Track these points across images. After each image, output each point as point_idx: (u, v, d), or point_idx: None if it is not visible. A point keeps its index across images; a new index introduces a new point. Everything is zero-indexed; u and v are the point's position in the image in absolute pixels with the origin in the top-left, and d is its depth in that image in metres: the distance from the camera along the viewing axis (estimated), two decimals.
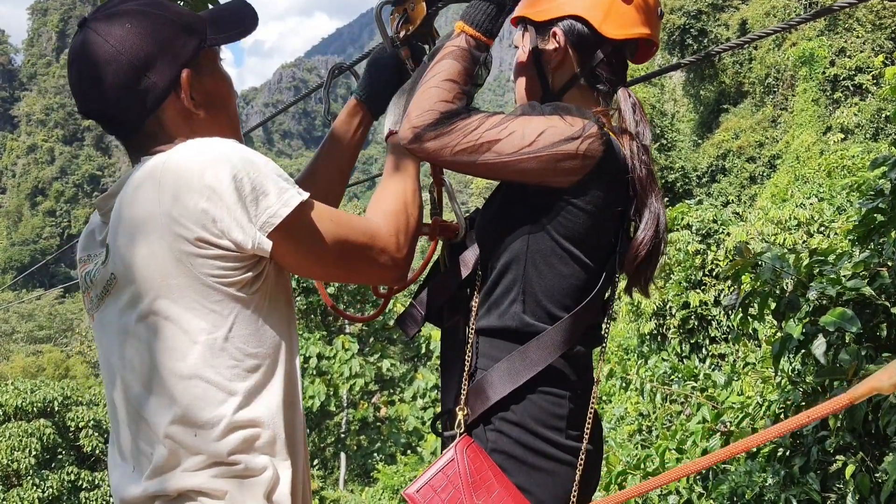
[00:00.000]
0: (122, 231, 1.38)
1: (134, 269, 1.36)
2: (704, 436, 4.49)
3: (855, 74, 25.41)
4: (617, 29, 1.72)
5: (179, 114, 1.49)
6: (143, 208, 1.35)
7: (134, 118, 1.47)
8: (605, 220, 1.67)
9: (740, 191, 27.65)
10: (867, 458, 3.21)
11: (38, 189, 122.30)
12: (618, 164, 1.66)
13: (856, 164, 15.45)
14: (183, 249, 1.33)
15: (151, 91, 1.45)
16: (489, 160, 1.57)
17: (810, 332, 3.26)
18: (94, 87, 1.45)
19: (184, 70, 1.47)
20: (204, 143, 1.39)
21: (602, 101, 1.78)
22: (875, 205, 3.29)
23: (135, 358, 1.39)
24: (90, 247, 1.56)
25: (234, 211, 1.33)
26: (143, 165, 1.42)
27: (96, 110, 1.48)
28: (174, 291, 1.34)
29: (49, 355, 45.24)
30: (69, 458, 18.75)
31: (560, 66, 1.78)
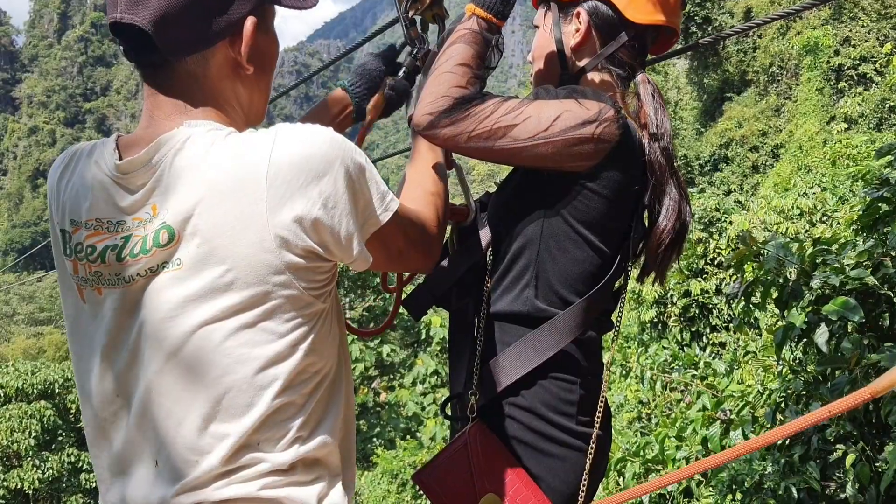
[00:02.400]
0: (208, 219, 1.22)
1: (224, 265, 1.21)
2: (704, 424, 4.50)
3: (859, 64, 25.30)
4: (641, 14, 1.71)
5: (228, 62, 1.34)
6: (243, 204, 1.20)
7: (178, 49, 1.29)
8: (620, 205, 1.66)
9: (743, 180, 27.59)
10: (867, 448, 3.21)
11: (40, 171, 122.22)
12: (634, 149, 1.64)
13: (860, 154, 15.41)
14: (288, 257, 1.23)
15: (207, 26, 1.29)
16: (505, 146, 1.56)
17: (813, 321, 3.26)
18: (146, 1, 1.25)
19: (250, 17, 1.33)
20: (311, 135, 1.25)
21: (620, 85, 1.76)
22: (880, 194, 3.28)
23: (196, 355, 1.25)
24: (100, 211, 1.31)
25: (346, 221, 1.26)
26: (202, 135, 1.26)
27: (139, 25, 1.25)
28: (270, 299, 1.24)
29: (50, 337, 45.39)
30: (69, 440, 18.82)
31: (581, 47, 1.77)
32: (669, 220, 1.71)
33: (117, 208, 1.29)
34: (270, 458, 1.27)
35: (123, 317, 1.30)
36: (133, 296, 1.28)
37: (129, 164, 1.28)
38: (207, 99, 1.34)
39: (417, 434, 16.63)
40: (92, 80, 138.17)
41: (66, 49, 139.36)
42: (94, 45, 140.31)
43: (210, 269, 1.22)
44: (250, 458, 1.27)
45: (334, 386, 1.39)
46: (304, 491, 1.30)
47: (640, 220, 1.72)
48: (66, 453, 18.22)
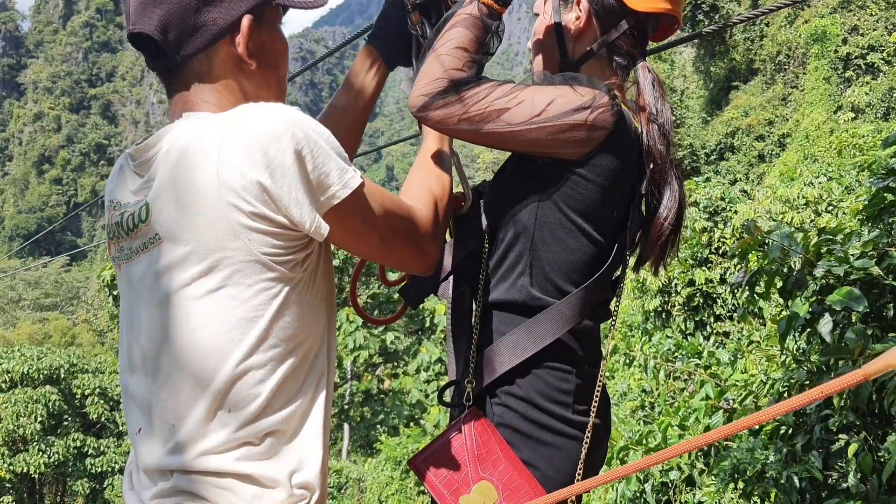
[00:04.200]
0: (172, 194, 1.32)
1: (186, 235, 1.31)
2: (707, 413, 4.51)
3: (867, 53, 25.16)
4: (643, 1, 1.70)
5: (231, 59, 1.44)
6: (200, 175, 1.29)
7: (183, 51, 1.40)
8: (615, 194, 1.65)
9: (748, 169, 27.51)
10: (870, 438, 3.21)
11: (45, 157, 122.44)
12: (630, 138, 1.63)
13: (867, 144, 15.35)
14: (240, 222, 1.28)
15: (208, 27, 1.39)
16: (497, 129, 1.55)
17: (817, 311, 3.25)
18: (150, 9, 1.37)
19: (246, 15, 1.41)
20: (266, 111, 1.32)
21: (620, 73, 1.75)
22: (885, 184, 3.27)
23: (171, 323, 1.34)
24: (119, 193, 1.49)
25: (295, 189, 1.29)
26: (191, 123, 1.37)
27: (146, 35, 1.39)
28: (229, 264, 1.30)
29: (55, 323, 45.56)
30: (75, 425, 18.95)
31: (581, 35, 1.76)
32: (670, 210, 1.70)
33: (129, 191, 1.44)
34: (235, 428, 1.32)
35: (130, 291, 1.44)
36: (134, 270, 1.42)
37: (136, 153, 1.43)
38: (213, 95, 1.43)
39: (421, 421, 16.69)
40: (97, 66, 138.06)
41: (72, 35, 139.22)
42: (100, 31, 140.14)
43: (174, 240, 1.32)
44: (215, 425, 1.32)
45: (313, 363, 1.43)
46: (275, 466, 1.35)
47: (636, 209, 1.71)
48: (72, 438, 18.36)
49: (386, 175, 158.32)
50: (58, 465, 17.89)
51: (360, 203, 1.38)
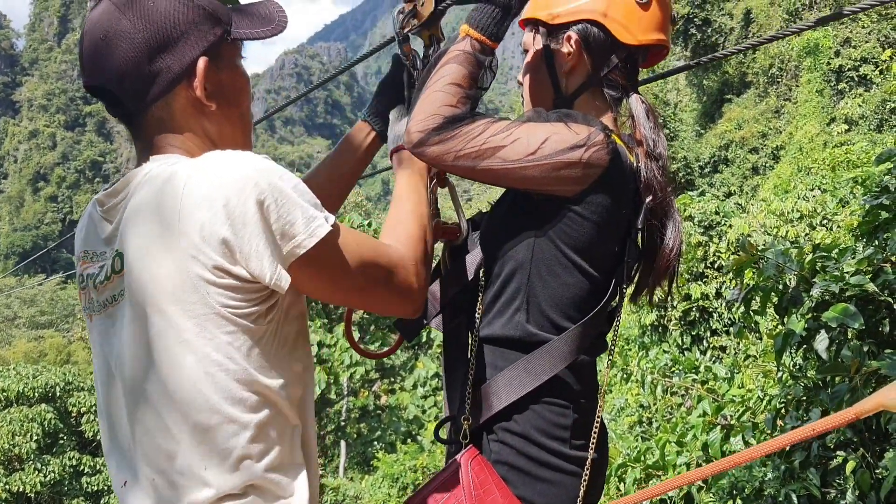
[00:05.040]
0: (138, 242, 1.30)
1: (150, 286, 1.28)
2: (705, 429, 4.49)
3: (860, 65, 25.29)
4: (633, 34, 1.70)
5: (190, 103, 1.42)
6: (162, 226, 1.26)
7: (141, 100, 1.39)
8: (611, 230, 1.64)
9: (743, 181, 27.58)
10: (868, 455, 3.20)
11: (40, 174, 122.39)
12: (624, 173, 1.63)
13: (860, 160, 15.41)
14: (199, 274, 1.25)
15: (163, 74, 1.37)
16: (492, 166, 1.55)
17: (813, 328, 3.25)
18: (103, 61, 1.37)
19: (201, 58, 1.40)
20: (231, 160, 1.29)
21: (613, 106, 1.76)
22: (879, 201, 3.28)
23: (145, 377, 1.31)
24: (90, 243, 1.47)
25: (255, 241, 1.25)
26: (156, 171, 1.33)
27: (103, 87, 1.39)
28: (189, 318, 1.26)
29: (51, 340, 45.40)
30: (71, 443, 18.84)
31: (573, 70, 1.76)
32: (675, 241, 1.71)
33: (100, 240, 1.44)
34: (215, 483, 1.29)
35: (104, 343, 1.42)
36: (107, 322, 1.40)
37: (105, 198, 1.43)
38: (177, 139, 1.43)
39: (418, 437, 16.64)
40: None
41: (67, 52, 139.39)
42: None
43: (140, 291, 1.29)
44: (195, 480, 1.29)
45: (290, 411, 1.39)
46: None
47: (633, 243, 1.71)
48: (68, 457, 18.24)
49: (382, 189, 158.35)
50: (54, 484, 17.76)
51: (330, 251, 1.34)
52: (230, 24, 1.47)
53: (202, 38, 1.41)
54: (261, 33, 1.49)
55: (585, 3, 1.72)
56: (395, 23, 1.84)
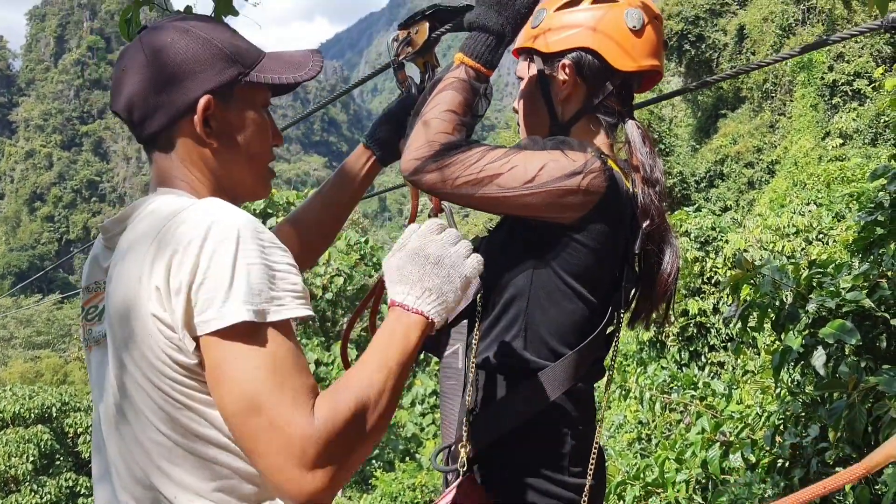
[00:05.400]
0: (119, 281, 1.30)
1: (117, 328, 1.28)
2: (704, 446, 4.48)
3: (853, 80, 25.45)
4: (628, 61, 1.71)
5: (192, 137, 1.43)
6: (135, 264, 1.27)
7: (146, 130, 1.43)
8: (609, 256, 1.65)
9: (738, 196, 27.66)
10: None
11: (37, 194, 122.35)
12: (621, 200, 1.64)
13: (855, 175, 15.47)
14: (151, 328, 1.22)
15: (166, 107, 1.40)
16: (490, 193, 1.55)
17: (810, 344, 3.26)
18: (120, 90, 1.43)
19: (205, 96, 1.40)
20: (202, 215, 1.25)
21: (610, 132, 1.77)
22: (874, 217, 3.29)
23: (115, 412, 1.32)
24: (94, 273, 1.48)
25: (176, 301, 1.19)
26: (155, 207, 1.35)
27: (122, 109, 1.44)
28: (143, 360, 1.24)
29: (47, 361, 45.19)
30: (67, 464, 18.72)
31: (568, 98, 1.77)
32: (672, 266, 1.71)
33: (102, 270, 1.43)
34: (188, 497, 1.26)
35: (96, 375, 1.43)
36: (98, 356, 1.42)
37: (108, 228, 1.44)
38: (182, 170, 1.44)
39: (417, 455, 16.56)
40: (88, 104, 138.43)
41: (63, 73, 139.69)
42: (91, 69, 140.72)
43: (111, 328, 1.31)
44: None
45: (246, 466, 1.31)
46: None
47: (630, 268, 1.71)
48: (64, 478, 18.12)
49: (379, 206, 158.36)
50: None
51: (232, 342, 1.17)
52: (250, 67, 1.46)
53: (212, 77, 1.41)
54: (284, 78, 1.47)
55: (579, 31, 1.73)
56: (390, 50, 1.86)
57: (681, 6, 30.77)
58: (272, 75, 1.47)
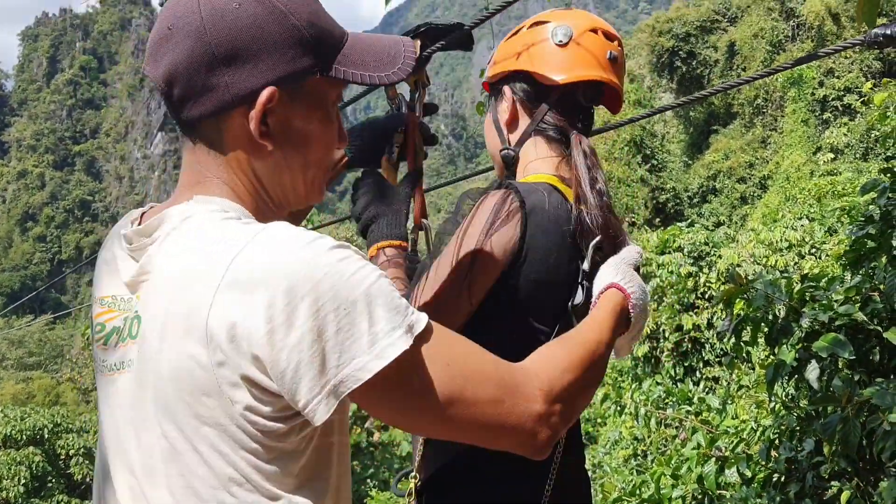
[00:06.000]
0: (158, 317, 1.07)
1: (161, 374, 1.05)
2: (699, 461, 4.47)
3: (844, 95, 25.63)
4: (555, 75, 1.74)
5: (243, 133, 1.15)
6: (189, 307, 1.02)
7: (187, 110, 1.15)
8: (552, 281, 1.63)
9: (731, 211, 27.77)
10: (863, 484, 3.20)
11: (29, 214, 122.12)
12: (548, 223, 1.62)
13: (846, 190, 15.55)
14: (225, 379, 1.01)
15: (219, 91, 1.12)
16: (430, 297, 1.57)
17: (803, 358, 3.26)
18: (161, 54, 1.13)
19: (269, 87, 1.13)
20: (291, 244, 1.02)
21: (559, 147, 1.78)
22: (865, 231, 3.31)
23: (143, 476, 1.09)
24: (109, 285, 1.20)
25: (296, 359, 0.98)
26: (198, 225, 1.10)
27: (159, 79, 1.15)
28: (204, 425, 1.03)
29: (39, 382, 44.92)
30: (59, 486, 18.61)
31: (511, 122, 1.82)
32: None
33: (122, 283, 1.16)
34: None
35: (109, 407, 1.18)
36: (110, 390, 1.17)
37: (135, 236, 1.16)
38: (223, 172, 1.18)
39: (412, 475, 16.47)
40: (81, 123, 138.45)
41: (56, 92, 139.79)
42: (84, 88, 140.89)
43: (151, 377, 1.07)
44: None
45: None
46: None
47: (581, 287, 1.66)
48: (56, 500, 18.00)
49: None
50: None
51: (404, 374, 1.04)
52: (331, 57, 1.20)
53: (282, 63, 1.14)
54: (369, 77, 1.21)
55: (510, 56, 1.80)
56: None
57: (671, 23, 31.00)
58: (357, 72, 1.21)
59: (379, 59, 1.23)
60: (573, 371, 1.24)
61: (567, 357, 1.25)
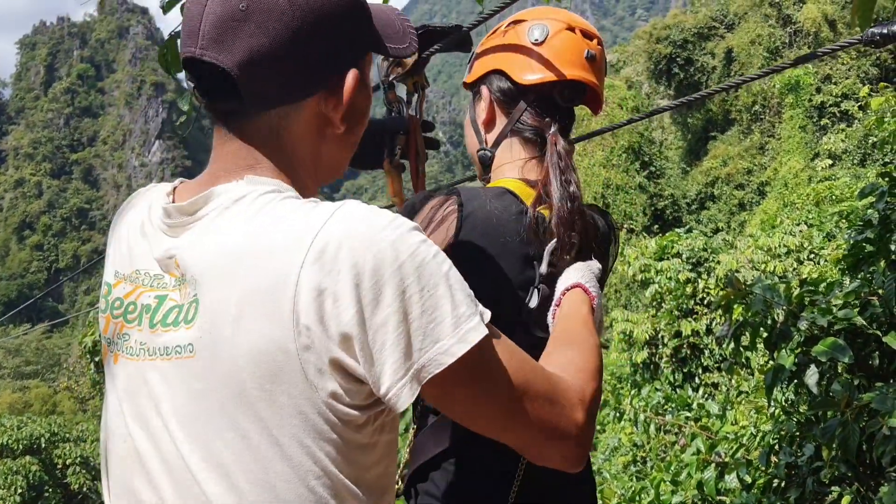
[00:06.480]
0: (227, 299, 0.99)
1: (237, 361, 0.98)
2: (699, 467, 4.46)
3: (841, 101, 25.68)
4: (530, 74, 1.70)
5: (318, 119, 1.12)
6: (268, 289, 0.97)
7: (262, 98, 1.08)
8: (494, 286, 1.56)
9: (730, 217, 27.79)
10: (863, 489, 3.19)
11: (26, 223, 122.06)
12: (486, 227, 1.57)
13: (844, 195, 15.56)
14: (313, 365, 0.97)
15: (306, 76, 1.07)
16: None
17: (802, 363, 3.25)
18: (234, 37, 1.03)
19: (352, 70, 1.11)
20: (373, 225, 0.98)
21: (535, 148, 1.73)
22: (864, 235, 3.30)
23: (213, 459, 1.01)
24: (139, 260, 1.12)
25: (382, 340, 0.96)
26: (262, 204, 1.04)
27: (222, 66, 1.04)
28: (286, 415, 0.98)
29: (36, 391, 44.89)
30: (56, 496, 18.56)
31: (488, 122, 1.78)
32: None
33: (152, 259, 1.10)
34: None
35: (126, 401, 1.10)
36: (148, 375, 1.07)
37: (176, 211, 1.10)
38: (282, 156, 1.12)
39: None
40: (78, 132, 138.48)
41: (53, 101, 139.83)
42: (81, 97, 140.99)
43: (222, 364, 1.00)
44: None
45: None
46: None
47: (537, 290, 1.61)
48: None
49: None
50: None
51: (481, 363, 1.02)
52: (377, 32, 1.19)
53: (357, 42, 1.12)
54: (396, 50, 1.21)
55: (489, 55, 1.78)
56: (380, 71, 1.87)
57: (669, 30, 31.06)
58: (391, 46, 1.20)
59: (395, 32, 1.22)
60: (596, 379, 1.22)
61: (585, 364, 1.23)
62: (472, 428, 1.10)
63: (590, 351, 1.28)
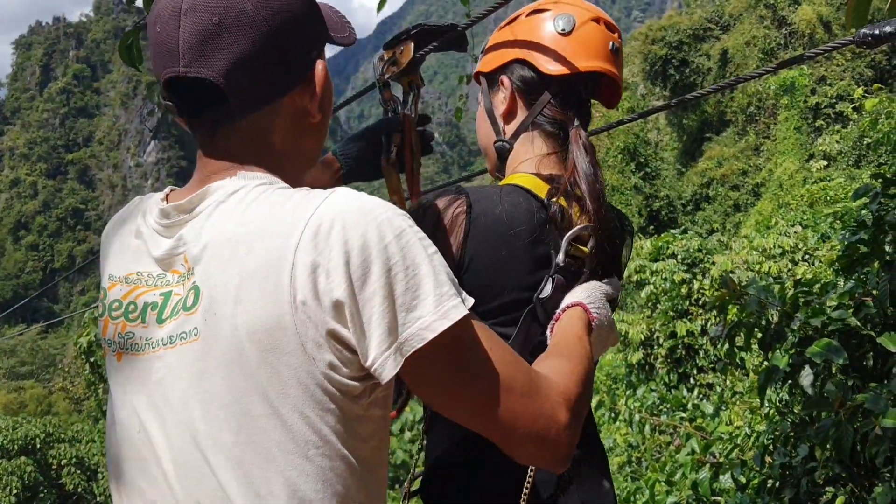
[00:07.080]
0: (226, 282, 1.06)
1: (240, 341, 1.04)
2: (694, 468, 4.47)
3: (836, 102, 25.75)
4: (558, 65, 1.66)
5: (295, 111, 1.19)
6: (265, 269, 1.03)
7: (247, 100, 1.15)
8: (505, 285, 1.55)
9: (725, 218, 27.84)
10: (857, 489, 3.19)
11: (21, 223, 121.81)
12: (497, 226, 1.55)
13: (838, 195, 15.60)
14: (311, 338, 1.03)
15: (283, 74, 1.15)
16: None
17: (797, 363, 3.26)
18: (214, 50, 1.10)
19: (319, 59, 1.19)
20: (358, 206, 1.05)
21: (557, 141, 1.70)
22: (858, 236, 3.31)
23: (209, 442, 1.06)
24: (139, 261, 1.18)
25: (369, 313, 1.02)
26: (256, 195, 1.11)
27: (209, 78, 1.11)
28: (286, 386, 1.04)
29: (31, 391, 44.80)
30: (51, 497, 18.52)
31: (508, 113, 1.74)
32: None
33: (154, 259, 1.16)
34: None
35: (139, 391, 1.14)
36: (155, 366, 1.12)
37: (173, 210, 1.16)
38: (270, 154, 1.19)
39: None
40: (74, 132, 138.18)
41: (49, 101, 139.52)
42: (77, 97, 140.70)
43: (226, 343, 1.05)
44: None
45: None
46: None
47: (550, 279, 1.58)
48: None
49: None
50: None
51: (460, 343, 1.07)
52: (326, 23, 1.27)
53: (319, 33, 1.22)
54: (345, 38, 1.30)
55: (511, 44, 1.73)
56: (376, 70, 1.87)
57: (664, 31, 31.12)
58: (337, 36, 1.28)
59: (336, 24, 1.31)
60: (582, 384, 1.24)
61: (572, 370, 1.25)
62: (447, 414, 1.15)
63: (579, 361, 1.30)
